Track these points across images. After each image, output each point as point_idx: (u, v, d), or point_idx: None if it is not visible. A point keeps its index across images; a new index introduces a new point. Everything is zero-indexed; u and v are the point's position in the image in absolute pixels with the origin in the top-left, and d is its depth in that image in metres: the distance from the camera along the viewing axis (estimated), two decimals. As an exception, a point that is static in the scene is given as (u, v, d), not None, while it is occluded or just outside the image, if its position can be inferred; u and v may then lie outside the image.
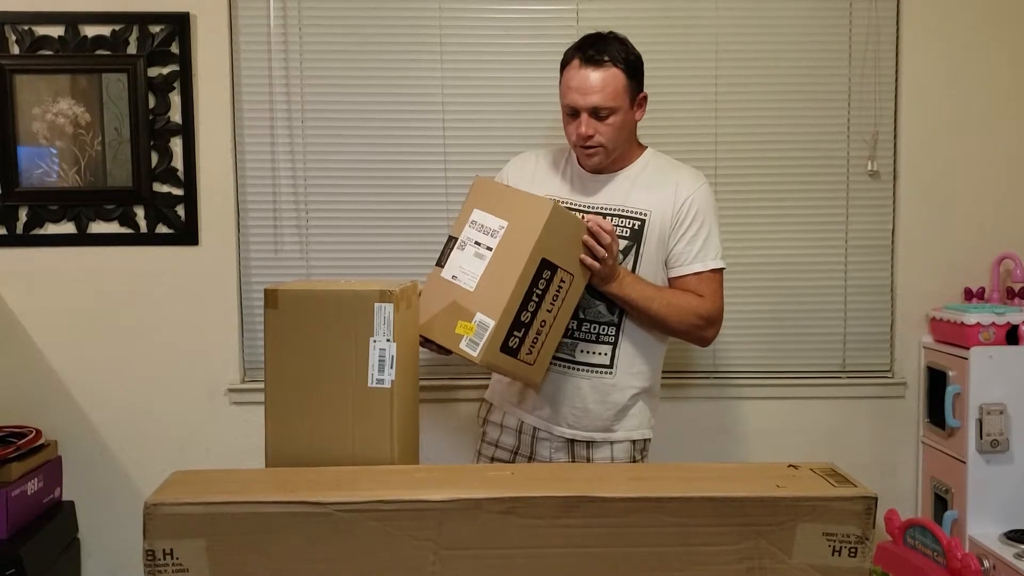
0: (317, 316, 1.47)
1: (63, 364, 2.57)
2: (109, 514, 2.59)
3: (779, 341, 2.64)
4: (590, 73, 1.85)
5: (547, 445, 1.97)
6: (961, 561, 2.07)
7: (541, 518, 1.22)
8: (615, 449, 1.96)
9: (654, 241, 1.92)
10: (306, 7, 2.55)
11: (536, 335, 1.76)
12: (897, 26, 2.58)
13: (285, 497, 1.22)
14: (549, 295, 1.75)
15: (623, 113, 1.89)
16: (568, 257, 1.76)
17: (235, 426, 2.58)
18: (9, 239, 2.53)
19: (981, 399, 2.37)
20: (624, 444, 1.97)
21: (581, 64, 1.87)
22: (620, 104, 1.87)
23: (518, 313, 1.72)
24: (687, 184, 1.94)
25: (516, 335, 1.73)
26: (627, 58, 1.89)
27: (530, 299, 1.73)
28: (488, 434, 2.05)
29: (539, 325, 1.76)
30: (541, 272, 1.72)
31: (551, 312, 1.76)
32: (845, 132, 2.60)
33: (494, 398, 2.07)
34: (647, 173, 1.96)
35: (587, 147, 1.90)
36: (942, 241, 2.61)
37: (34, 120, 2.51)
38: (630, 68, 1.89)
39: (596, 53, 1.86)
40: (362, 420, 1.46)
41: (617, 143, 1.91)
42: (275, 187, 2.59)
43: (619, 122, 1.88)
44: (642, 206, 1.92)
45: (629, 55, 1.90)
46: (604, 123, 1.87)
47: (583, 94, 1.86)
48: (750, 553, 1.23)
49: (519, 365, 1.77)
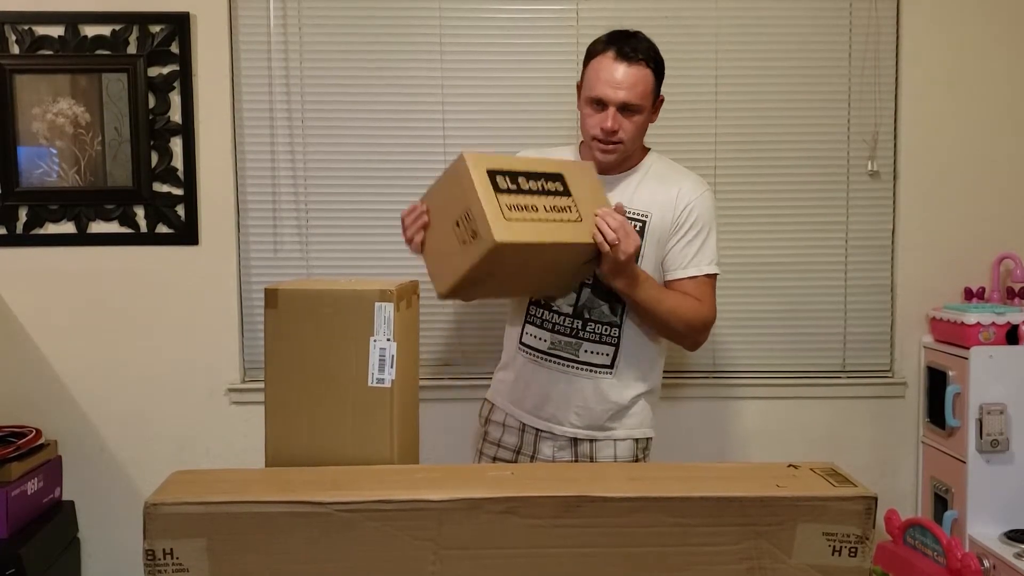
0: (317, 316, 1.46)
1: (63, 364, 2.57)
2: (109, 514, 2.59)
3: (779, 341, 2.64)
4: (625, 68, 1.85)
5: (550, 444, 1.97)
6: (961, 561, 2.07)
7: (541, 518, 1.22)
8: (618, 447, 1.96)
9: (653, 243, 1.92)
10: (306, 7, 2.55)
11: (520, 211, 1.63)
12: (897, 26, 2.58)
13: (285, 497, 1.21)
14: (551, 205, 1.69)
15: (646, 114, 1.90)
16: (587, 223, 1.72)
17: (235, 426, 2.58)
18: (9, 239, 2.53)
19: (981, 399, 2.37)
20: (627, 442, 1.97)
21: (616, 58, 1.86)
22: (646, 104, 1.88)
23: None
24: (689, 190, 1.94)
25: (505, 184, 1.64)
26: (657, 59, 1.90)
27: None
28: (490, 433, 2.05)
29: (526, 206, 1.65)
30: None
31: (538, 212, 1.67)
32: (845, 132, 2.60)
33: (496, 398, 2.07)
34: (650, 176, 1.96)
35: (608, 142, 1.89)
36: (942, 241, 2.61)
37: (34, 120, 2.51)
38: (659, 69, 1.90)
39: (632, 50, 1.86)
40: (362, 420, 1.45)
41: (635, 142, 1.92)
42: (275, 187, 2.59)
43: (641, 122, 1.90)
44: (643, 208, 1.92)
45: (658, 56, 1.91)
46: (629, 120, 1.87)
47: (615, 88, 1.85)
48: (750, 553, 1.23)
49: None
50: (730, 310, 2.62)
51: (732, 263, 2.62)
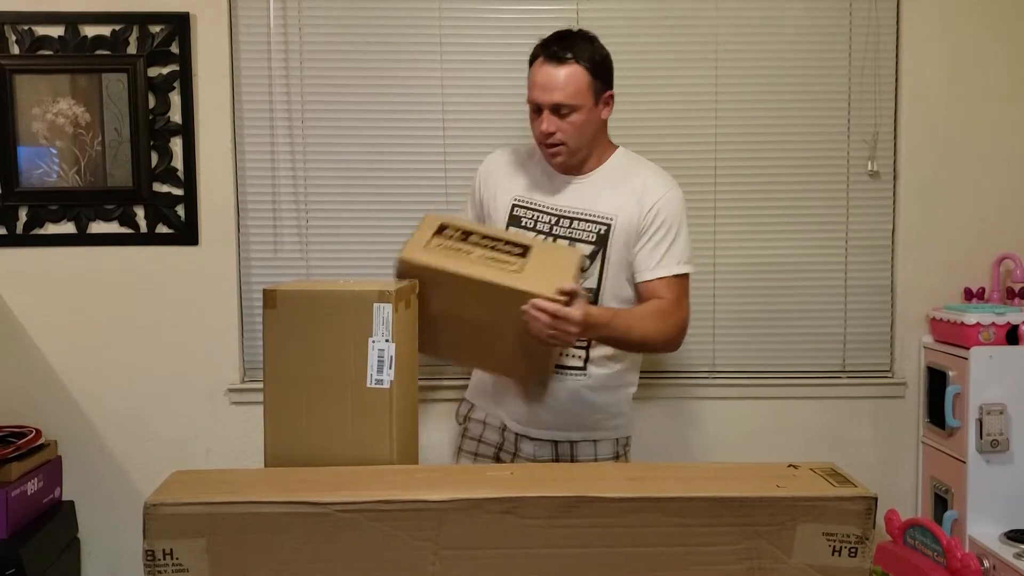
0: (316, 316, 1.46)
1: (63, 364, 2.57)
2: (109, 514, 2.59)
3: (779, 341, 2.64)
4: (553, 70, 1.85)
5: (530, 443, 1.98)
6: (961, 561, 2.07)
7: (541, 518, 1.22)
8: (598, 447, 1.97)
9: (620, 246, 1.90)
10: (306, 7, 2.55)
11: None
12: (897, 26, 2.58)
13: (285, 497, 1.21)
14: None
15: (586, 111, 1.87)
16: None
17: (235, 426, 2.58)
18: (9, 239, 2.53)
19: (981, 399, 2.37)
20: (606, 443, 1.98)
21: (545, 61, 1.86)
22: (583, 102, 1.86)
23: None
24: (654, 189, 1.91)
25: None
26: (592, 56, 1.87)
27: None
28: (471, 430, 2.06)
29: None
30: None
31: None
32: (845, 132, 2.60)
33: (476, 398, 2.08)
34: (616, 176, 1.94)
35: (550, 145, 1.89)
36: (942, 241, 2.61)
37: (34, 120, 2.51)
38: (595, 66, 1.87)
39: (560, 50, 1.85)
40: (361, 420, 1.45)
41: (580, 142, 1.90)
42: (275, 187, 2.59)
43: (581, 120, 1.87)
44: (608, 211, 1.90)
45: (595, 53, 1.88)
46: (566, 120, 1.86)
47: (545, 90, 1.85)
48: (750, 553, 1.23)
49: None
50: (730, 310, 2.63)
51: (732, 263, 2.62)
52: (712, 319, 2.62)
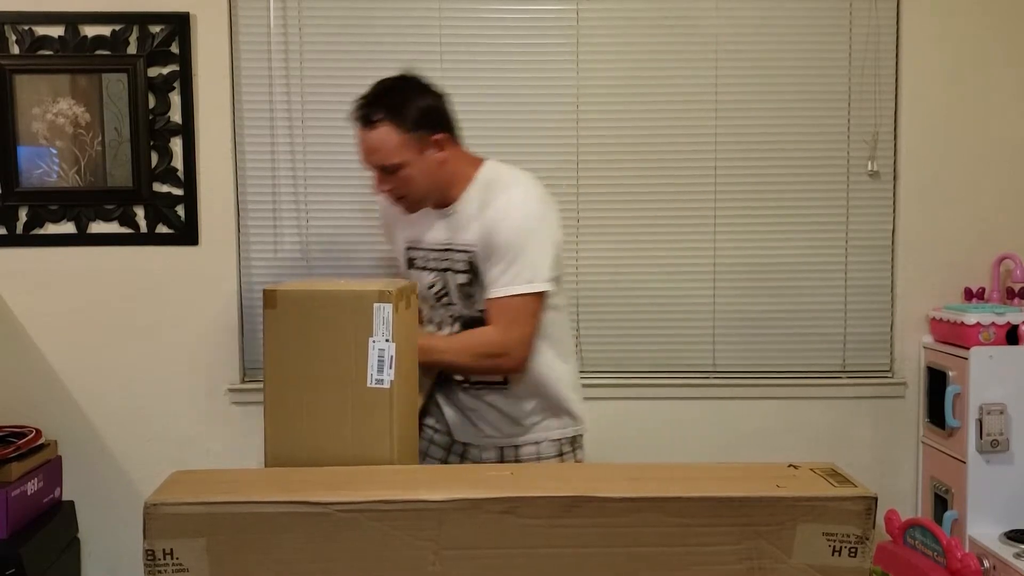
0: (316, 316, 1.46)
1: (63, 364, 2.57)
2: (109, 514, 2.59)
3: (779, 341, 2.64)
4: (365, 134, 1.83)
5: (475, 448, 2.01)
6: (961, 561, 2.07)
7: (540, 518, 1.22)
8: (540, 447, 1.98)
9: (487, 271, 1.86)
10: (306, 7, 2.55)
11: None
12: (897, 26, 2.58)
13: (285, 497, 1.21)
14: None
15: (413, 164, 1.82)
16: None
17: (235, 426, 2.58)
18: (9, 239, 2.53)
19: (981, 399, 2.37)
20: (547, 443, 1.98)
21: (359, 127, 1.84)
22: (400, 158, 1.81)
23: None
24: (494, 212, 1.84)
25: None
26: (402, 111, 1.81)
27: None
28: (425, 431, 2.07)
29: None
30: None
31: None
32: (845, 132, 2.60)
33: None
34: (476, 202, 1.88)
35: (393, 198, 1.89)
36: (942, 241, 2.61)
37: (34, 120, 2.51)
38: (408, 121, 1.81)
39: (368, 113, 1.82)
40: (361, 420, 1.45)
41: (420, 190, 1.86)
42: (275, 187, 2.59)
43: (411, 173, 1.83)
44: (471, 239, 1.86)
45: (407, 107, 1.81)
46: (397, 176, 1.83)
47: (366, 154, 1.84)
48: (750, 553, 1.23)
49: None
50: (730, 310, 2.63)
51: (732, 263, 2.62)
52: (712, 319, 2.62)
